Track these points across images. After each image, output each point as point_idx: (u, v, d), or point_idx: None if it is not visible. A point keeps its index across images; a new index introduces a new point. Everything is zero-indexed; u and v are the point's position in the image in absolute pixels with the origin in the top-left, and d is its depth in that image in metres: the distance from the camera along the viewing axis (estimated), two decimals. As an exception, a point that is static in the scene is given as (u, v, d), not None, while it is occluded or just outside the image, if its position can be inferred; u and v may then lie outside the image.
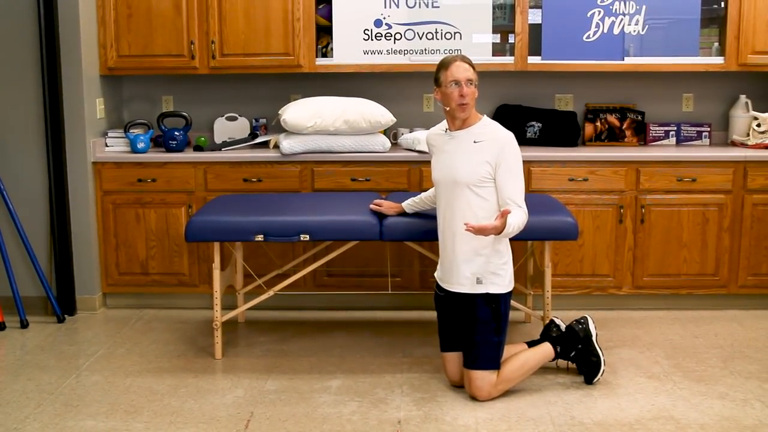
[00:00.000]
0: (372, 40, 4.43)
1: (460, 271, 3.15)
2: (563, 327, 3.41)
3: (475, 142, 3.12)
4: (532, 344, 3.37)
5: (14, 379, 3.44)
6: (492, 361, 3.12)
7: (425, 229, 3.44)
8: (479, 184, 3.09)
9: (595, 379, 3.29)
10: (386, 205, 3.56)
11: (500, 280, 3.13)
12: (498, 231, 2.95)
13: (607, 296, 4.34)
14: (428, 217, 3.53)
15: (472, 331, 3.13)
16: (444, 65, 3.16)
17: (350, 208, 3.64)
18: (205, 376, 3.46)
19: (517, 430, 2.93)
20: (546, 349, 3.31)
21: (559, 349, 3.32)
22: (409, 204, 3.53)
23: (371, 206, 3.58)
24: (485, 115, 3.23)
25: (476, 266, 3.12)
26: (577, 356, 3.32)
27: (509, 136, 3.13)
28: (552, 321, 3.45)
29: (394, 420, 3.02)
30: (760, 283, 4.31)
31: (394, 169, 4.26)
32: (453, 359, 3.26)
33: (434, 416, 3.05)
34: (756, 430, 2.93)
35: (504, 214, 2.94)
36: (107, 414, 3.08)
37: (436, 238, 3.32)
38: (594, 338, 3.32)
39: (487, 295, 3.12)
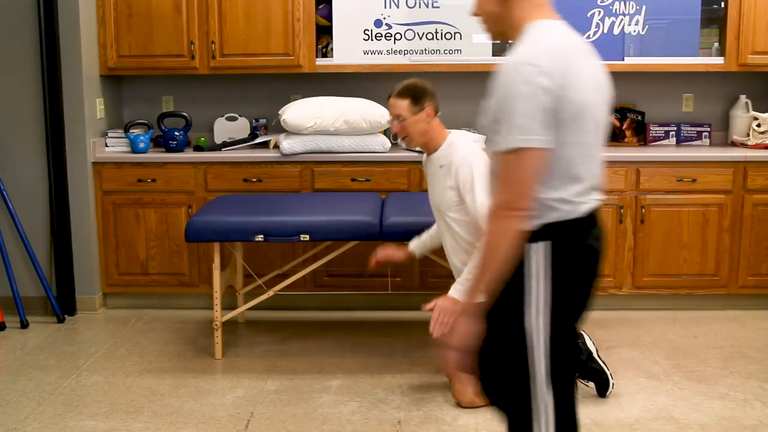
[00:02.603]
0: (372, 40, 4.43)
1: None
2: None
3: (440, 166, 3.06)
4: None
5: (14, 379, 3.44)
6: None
7: (425, 228, 3.44)
8: (452, 208, 3.04)
9: (608, 392, 3.21)
10: (392, 250, 3.42)
11: None
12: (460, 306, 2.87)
13: (607, 296, 4.34)
14: (429, 216, 3.53)
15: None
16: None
17: (350, 208, 3.64)
18: (205, 377, 3.46)
19: (517, 430, 2.93)
20: None
21: None
22: (416, 245, 3.38)
23: (378, 257, 3.42)
24: (452, 133, 3.11)
25: None
26: (583, 375, 3.24)
27: (464, 156, 2.97)
28: None
29: (394, 420, 3.02)
30: (760, 284, 4.31)
31: (394, 169, 4.26)
32: None
33: (434, 416, 3.05)
34: (756, 430, 2.93)
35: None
36: (107, 414, 3.08)
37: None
38: (595, 354, 3.23)
39: None
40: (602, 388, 3.21)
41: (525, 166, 1.69)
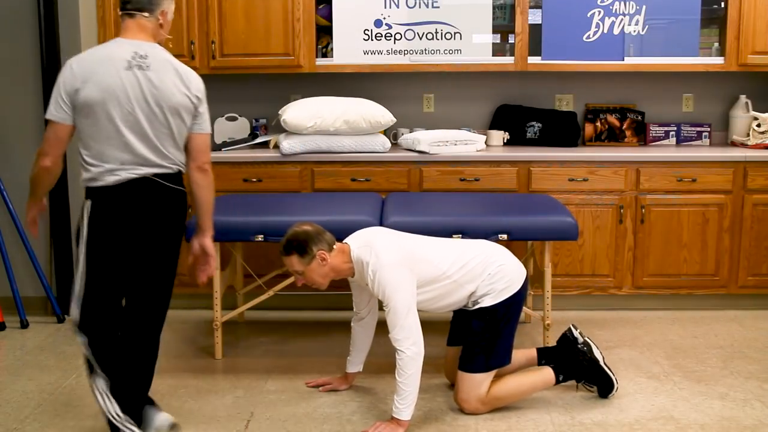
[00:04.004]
0: (372, 40, 4.44)
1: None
2: (580, 340, 3.24)
3: (366, 285, 3.02)
4: (543, 351, 3.33)
5: (14, 379, 3.44)
6: (482, 365, 3.02)
7: (426, 229, 3.43)
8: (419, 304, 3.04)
9: (610, 395, 3.19)
10: (336, 382, 3.35)
11: (490, 296, 3.02)
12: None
13: (607, 296, 4.34)
14: (428, 216, 3.54)
15: (468, 337, 3.09)
16: None
17: (350, 208, 3.64)
18: (205, 377, 3.46)
19: (517, 430, 2.93)
20: (546, 376, 3.15)
21: (561, 378, 3.16)
22: (355, 362, 3.33)
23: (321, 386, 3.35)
24: (351, 250, 3.01)
25: (461, 303, 3.10)
26: (588, 380, 3.20)
27: (371, 272, 2.93)
28: (570, 331, 3.30)
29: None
30: (760, 284, 4.31)
31: (394, 169, 4.26)
32: (452, 354, 3.24)
33: (434, 416, 3.05)
34: (756, 430, 2.93)
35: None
36: (107, 414, 3.08)
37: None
38: (602, 362, 3.18)
39: (480, 309, 3.04)
40: (605, 391, 3.18)
41: (48, 131, 2.57)
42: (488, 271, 3.02)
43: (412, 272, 2.95)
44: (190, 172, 2.71)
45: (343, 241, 3.08)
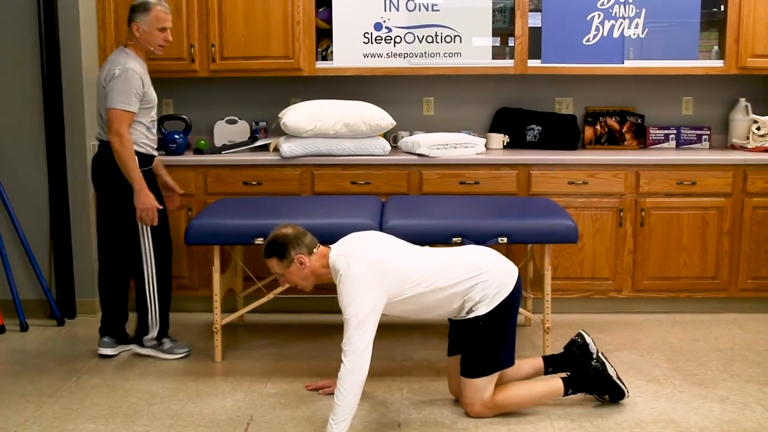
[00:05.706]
0: (372, 43, 4.44)
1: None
2: (592, 348, 3.22)
3: None
4: (548, 359, 3.29)
5: (14, 382, 3.44)
6: (482, 369, 3.01)
7: (426, 232, 3.44)
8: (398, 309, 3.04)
9: (621, 401, 3.17)
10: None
11: (483, 304, 2.99)
12: None
13: (606, 299, 4.35)
14: (428, 219, 3.53)
15: (467, 343, 3.07)
16: None
17: (350, 211, 3.64)
18: (205, 380, 3.46)
19: (517, 434, 2.93)
20: (555, 388, 3.11)
21: (570, 392, 3.12)
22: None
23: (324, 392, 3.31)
24: (330, 255, 2.98)
25: (452, 314, 3.08)
26: (601, 392, 3.17)
27: (338, 281, 2.89)
28: (581, 337, 3.26)
29: (393, 423, 3.02)
30: (760, 287, 4.31)
31: (394, 172, 4.26)
32: (454, 365, 3.22)
33: (434, 419, 3.05)
34: (756, 433, 2.93)
35: None
36: (107, 417, 3.08)
37: (435, 241, 3.31)
38: (615, 378, 3.15)
39: (476, 318, 3.01)
40: (616, 398, 3.16)
41: None
42: (475, 282, 2.98)
43: (380, 288, 2.89)
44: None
45: (330, 245, 3.05)
